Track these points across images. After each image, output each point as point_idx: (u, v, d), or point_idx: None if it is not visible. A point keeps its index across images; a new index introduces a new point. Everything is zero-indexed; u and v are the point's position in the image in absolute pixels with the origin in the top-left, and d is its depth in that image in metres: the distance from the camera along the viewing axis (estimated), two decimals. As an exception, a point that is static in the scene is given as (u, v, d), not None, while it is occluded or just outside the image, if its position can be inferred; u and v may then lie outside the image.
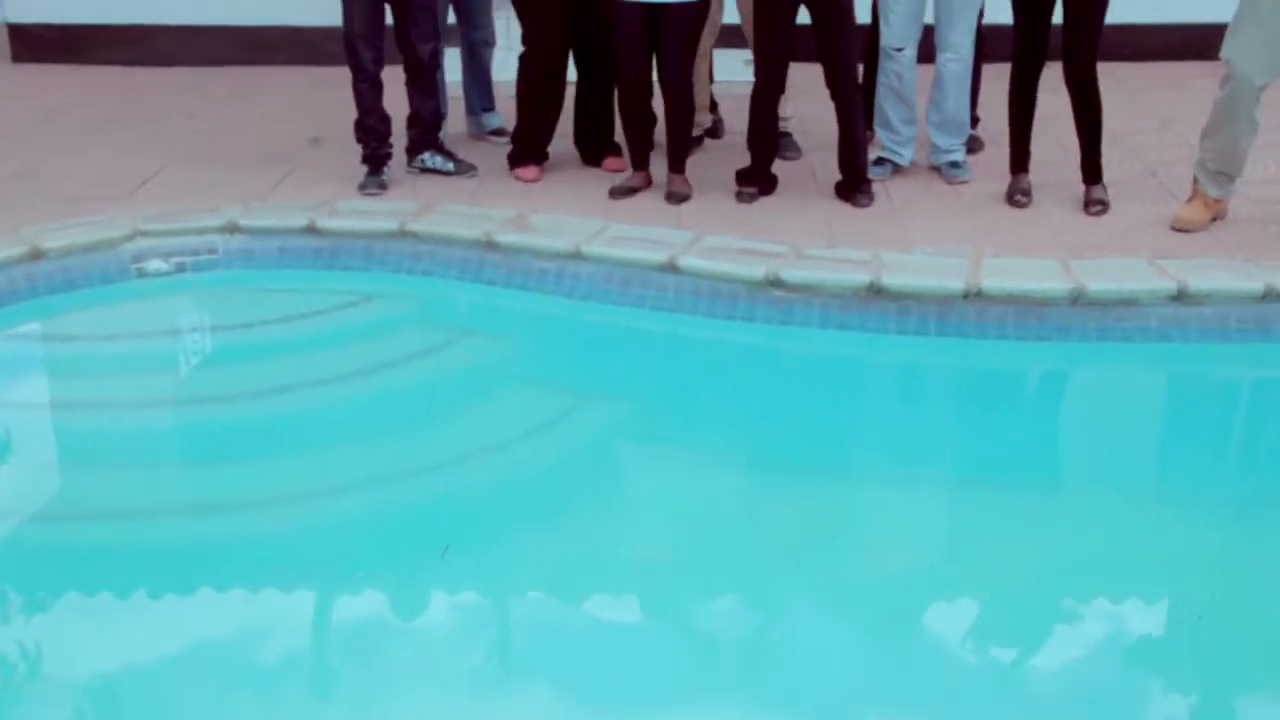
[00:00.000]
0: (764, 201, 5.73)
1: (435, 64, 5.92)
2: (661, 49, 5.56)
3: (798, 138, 6.31)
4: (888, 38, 5.75)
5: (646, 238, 5.26)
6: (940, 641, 3.44)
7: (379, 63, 5.72)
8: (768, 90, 5.59)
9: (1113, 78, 5.60)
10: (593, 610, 3.55)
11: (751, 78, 5.83)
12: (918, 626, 3.51)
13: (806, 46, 5.54)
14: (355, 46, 5.69)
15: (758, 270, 4.95)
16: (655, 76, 5.72)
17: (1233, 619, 3.43)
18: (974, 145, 6.27)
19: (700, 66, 6.11)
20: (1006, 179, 5.74)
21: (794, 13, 5.44)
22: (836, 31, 5.39)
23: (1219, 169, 5.27)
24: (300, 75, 7.77)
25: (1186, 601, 3.56)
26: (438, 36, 5.92)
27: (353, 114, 5.87)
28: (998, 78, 5.98)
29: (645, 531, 3.89)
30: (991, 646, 3.45)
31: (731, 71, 6.81)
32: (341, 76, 5.87)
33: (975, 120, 6.42)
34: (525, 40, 5.96)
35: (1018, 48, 5.44)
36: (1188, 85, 7.10)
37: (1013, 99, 5.57)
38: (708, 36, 6.00)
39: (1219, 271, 4.86)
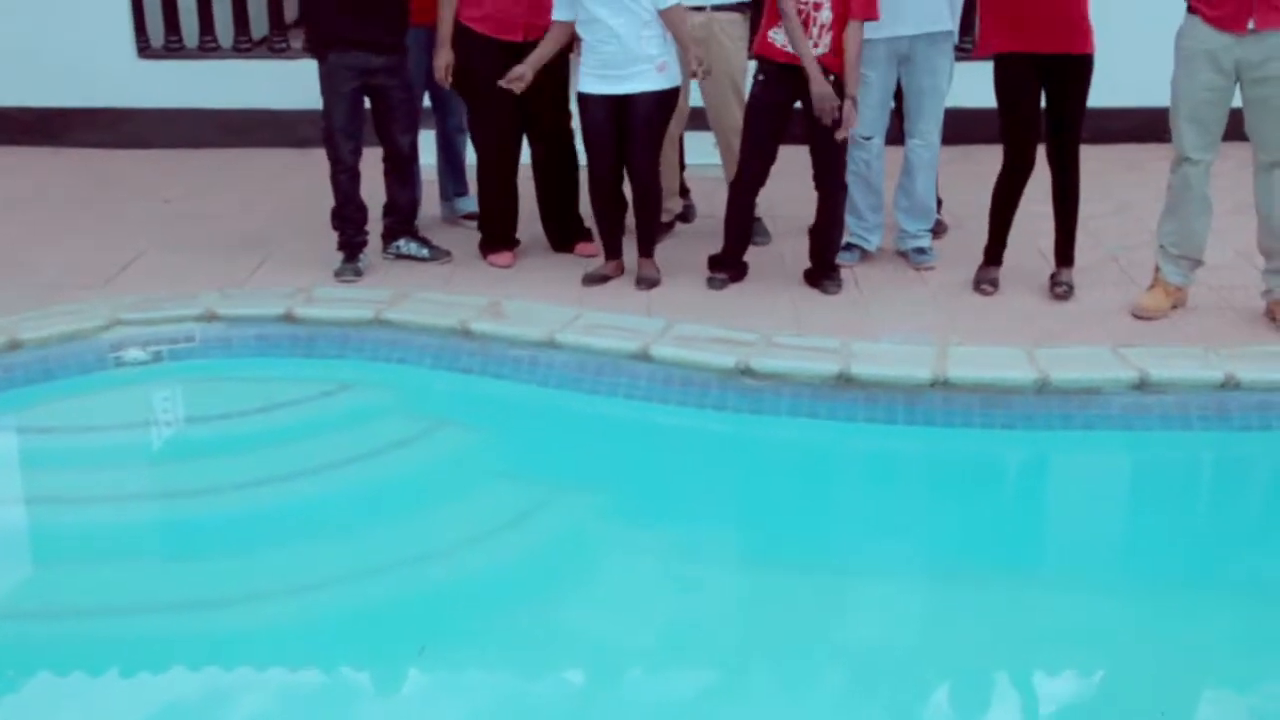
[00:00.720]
0: (735, 288, 5.83)
1: (414, 154, 6.03)
2: (628, 139, 5.67)
3: (767, 221, 6.41)
4: (858, 128, 5.88)
5: (619, 325, 5.35)
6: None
7: (358, 154, 5.83)
8: (748, 183, 5.71)
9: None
10: (570, 704, 3.59)
11: (719, 160, 5.98)
12: (884, 713, 3.57)
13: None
14: (335, 139, 5.78)
15: (728, 359, 5.03)
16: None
17: (1194, 710, 3.50)
18: (938, 229, 6.41)
19: (669, 152, 6.23)
20: (971, 263, 5.86)
21: (787, 118, 5.57)
22: (827, 138, 5.50)
23: (1180, 253, 5.41)
24: (277, 157, 7.86)
25: (1149, 694, 3.63)
26: (416, 127, 6.02)
27: (329, 196, 5.95)
28: (958, 159, 6.14)
29: (621, 624, 3.94)
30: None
31: (702, 154, 6.90)
32: (318, 158, 5.96)
33: (939, 203, 6.56)
34: (471, 128, 6.12)
35: (1008, 155, 5.59)
36: (1145, 168, 7.24)
37: (996, 199, 5.70)
38: (675, 124, 6.13)
39: (1180, 360, 4.98)
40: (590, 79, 5.63)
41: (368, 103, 5.88)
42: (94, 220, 6.79)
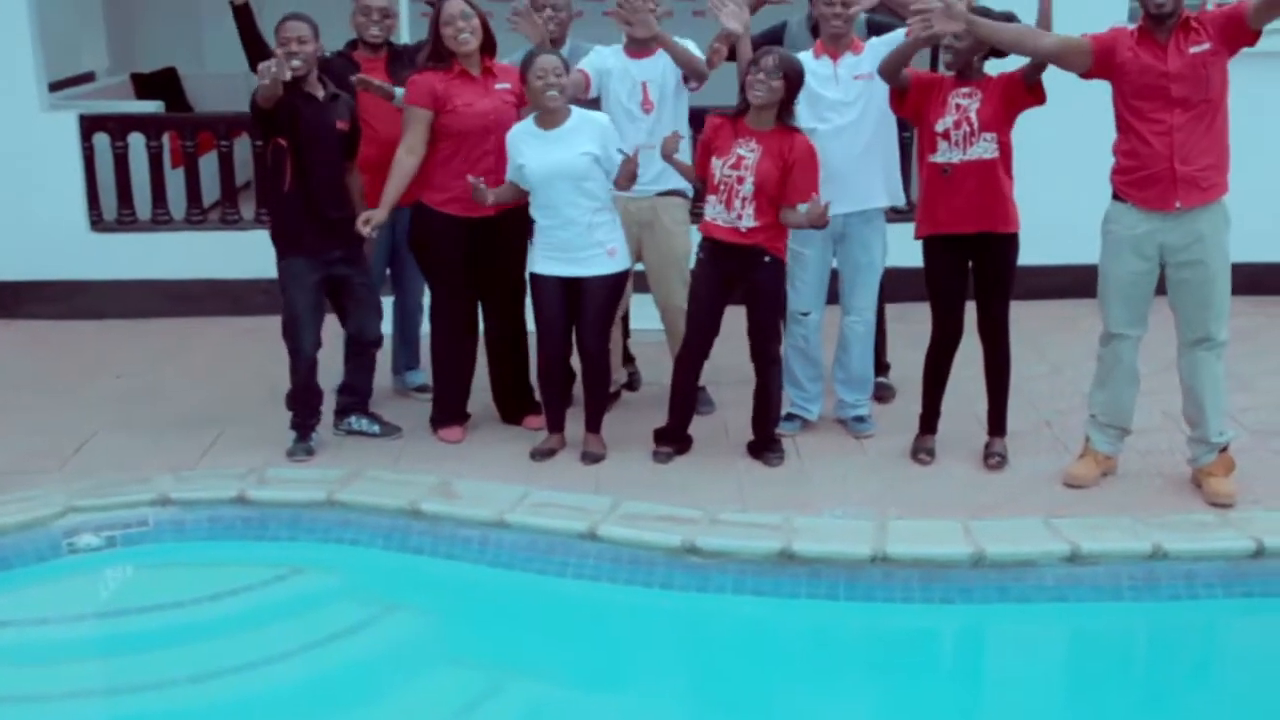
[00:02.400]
0: (679, 461, 5.97)
1: (379, 341, 6.18)
2: (580, 319, 5.85)
3: (711, 389, 6.57)
4: (795, 303, 6.09)
5: (567, 504, 5.47)
6: None
7: (318, 345, 5.97)
8: (692, 359, 5.89)
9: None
10: None
11: (661, 325, 6.18)
12: None
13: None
14: (296, 332, 5.91)
15: (674, 538, 5.16)
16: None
17: None
18: (885, 395, 6.61)
19: (614, 327, 6.41)
20: (910, 428, 6.04)
21: (728, 298, 5.76)
22: (766, 316, 5.74)
23: (1109, 422, 5.62)
24: (226, 326, 8.02)
25: None
26: (381, 313, 6.18)
27: (281, 367, 6.06)
28: (895, 319, 6.29)
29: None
30: None
31: (645, 319, 6.96)
32: (269, 326, 6.09)
33: (886, 367, 6.78)
34: (432, 302, 6.26)
35: (936, 329, 5.81)
36: (1077, 326, 7.49)
37: (927, 370, 5.91)
38: (625, 299, 6.33)
39: (1109, 531, 5.15)
40: (543, 260, 5.82)
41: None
42: (47, 399, 6.87)
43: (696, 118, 6.28)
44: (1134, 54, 5.17)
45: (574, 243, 5.74)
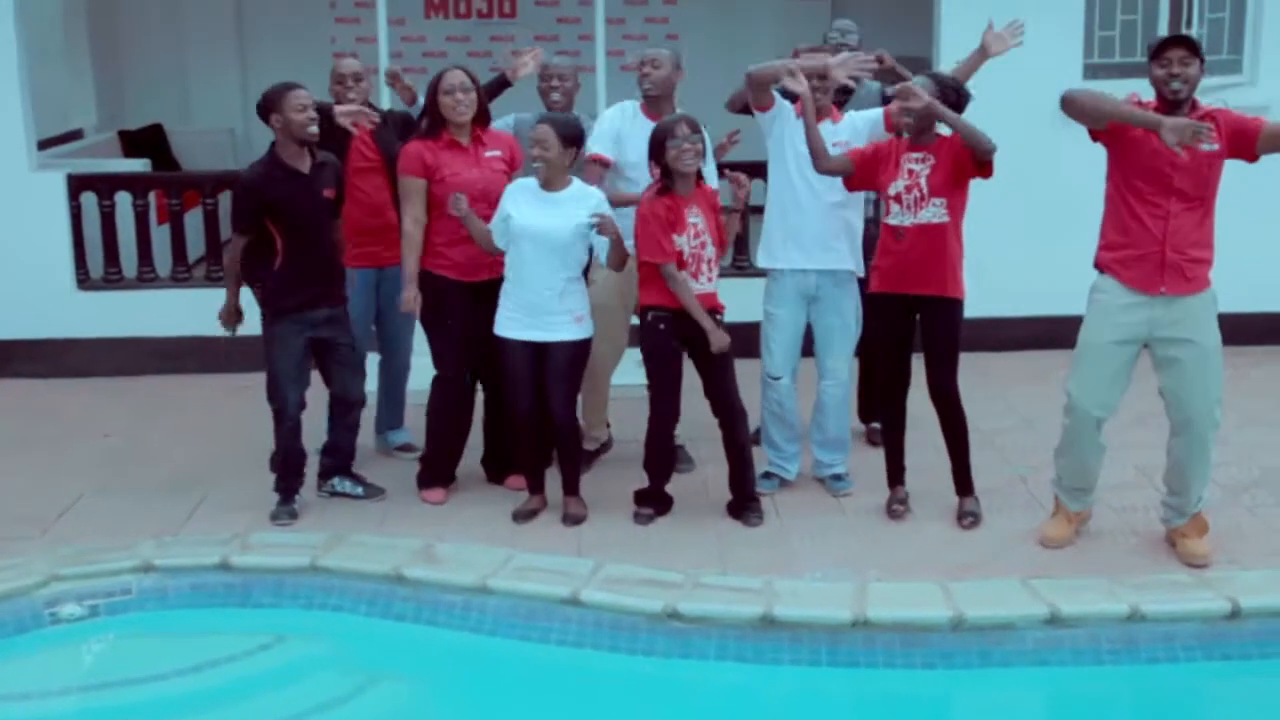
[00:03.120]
0: (661, 521, 6.01)
1: (363, 401, 6.22)
2: (547, 383, 5.90)
3: (689, 446, 6.61)
4: (769, 367, 6.15)
5: (550, 568, 5.49)
6: None
7: (302, 406, 6.01)
8: (664, 421, 5.94)
9: (977, 369, 5.97)
10: None
11: (644, 380, 6.23)
12: None
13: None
14: (281, 394, 5.95)
15: (656, 603, 5.18)
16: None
17: None
18: (878, 439, 6.64)
19: (601, 386, 6.47)
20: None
21: (681, 360, 5.84)
22: (719, 373, 5.80)
23: (1073, 485, 5.68)
24: (212, 384, 8.05)
25: None
26: (365, 374, 6.23)
27: (265, 425, 6.09)
28: None
29: None
30: None
31: (626, 373, 6.91)
32: (254, 384, 6.12)
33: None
34: (436, 366, 6.29)
35: (881, 381, 5.88)
36: (1050, 378, 7.44)
37: (884, 420, 5.98)
38: (610, 359, 6.38)
39: (1087, 593, 5.19)
40: (508, 323, 5.87)
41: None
42: (33, 460, 6.90)
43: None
44: (1147, 134, 5.13)
45: (542, 307, 5.80)
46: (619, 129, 6.27)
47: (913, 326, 5.79)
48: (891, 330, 5.81)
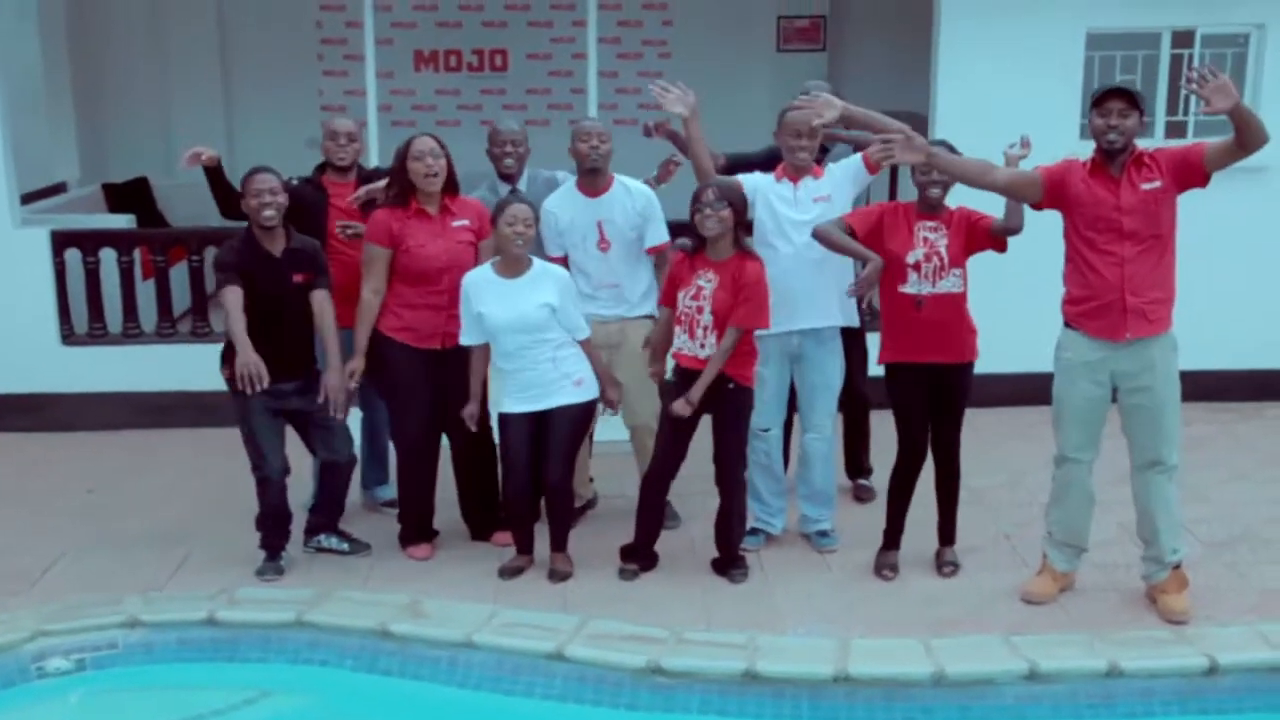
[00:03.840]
0: (646, 577, 6.05)
1: (352, 463, 6.24)
2: (546, 449, 5.94)
3: (677, 503, 6.65)
4: (755, 420, 6.20)
5: (534, 624, 5.53)
6: None
7: (285, 472, 6.03)
8: (660, 479, 6.00)
9: (968, 425, 6.00)
10: None
11: (628, 436, 6.29)
12: None
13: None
14: (263, 462, 5.97)
15: (640, 659, 5.22)
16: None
17: None
18: (865, 496, 6.79)
19: (582, 449, 6.52)
20: (875, 541, 6.14)
21: (695, 422, 5.87)
22: (731, 440, 5.86)
23: (1064, 540, 5.75)
24: (197, 437, 8.06)
25: None
26: (349, 438, 6.23)
27: (250, 481, 6.09)
28: (885, 421, 6.31)
29: None
30: None
31: (610, 429, 6.89)
32: (237, 436, 6.09)
33: (868, 470, 6.96)
34: (392, 428, 6.36)
35: (901, 451, 5.96)
36: (1036, 435, 7.56)
37: (893, 488, 6.05)
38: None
39: (1067, 649, 5.25)
40: (511, 401, 5.92)
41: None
42: (18, 515, 6.90)
43: (676, 230, 6.40)
44: (1087, 186, 5.34)
45: (541, 380, 5.86)
46: (557, 212, 6.30)
47: (929, 396, 5.87)
48: (910, 401, 5.87)
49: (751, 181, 6.11)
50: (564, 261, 6.25)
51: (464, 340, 5.94)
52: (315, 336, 6.02)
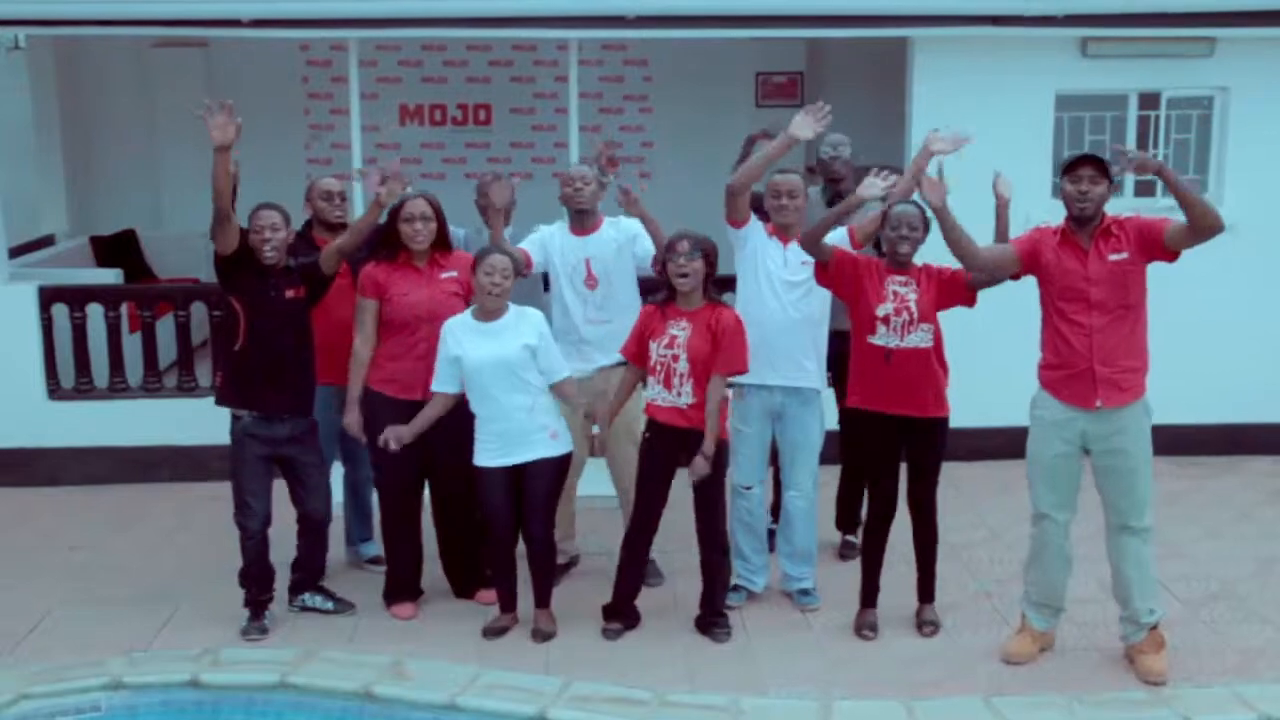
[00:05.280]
0: (629, 636, 6.08)
1: (329, 518, 6.27)
2: (526, 504, 5.98)
3: (660, 559, 6.69)
4: (737, 477, 6.27)
5: (518, 686, 5.54)
6: None
7: (268, 522, 6.06)
8: (640, 534, 6.03)
9: (947, 480, 6.07)
10: None
11: (614, 491, 6.33)
12: None
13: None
14: (246, 510, 6.01)
15: (623, 723, 5.25)
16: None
17: None
18: (850, 554, 6.83)
19: (565, 503, 6.55)
20: (856, 600, 6.16)
21: (672, 478, 5.95)
22: (709, 495, 5.90)
23: (1042, 600, 5.79)
24: (183, 492, 8.10)
25: None
26: (330, 494, 6.28)
27: (235, 537, 6.10)
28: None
29: None
30: None
31: (595, 484, 7.01)
32: (223, 490, 6.15)
33: (855, 526, 6.97)
34: (377, 483, 6.41)
35: (873, 507, 6.01)
36: (1016, 489, 7.56)
37: (866, 544, 6.10)
38: (574, 474, 6.46)
39: (1046, 711, 5.29)
40: (485, 454, 5.95)
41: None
42: (2, 575, 6.90)
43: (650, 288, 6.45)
44: (1056, 256, 5.44)
45: (516, 430, 5.88)
46: (547, 240, 6.43)
47: (899, 449, 5.93)
48: (878, 451, 5.94)
49: (755, 228, 6.20)
50: (527, 259, 6.31)
51: (435, 386, 5.96)
52: (314, 379, 6.11)
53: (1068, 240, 5.44)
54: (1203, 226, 5.18)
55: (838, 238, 6.06)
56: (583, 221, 6.41)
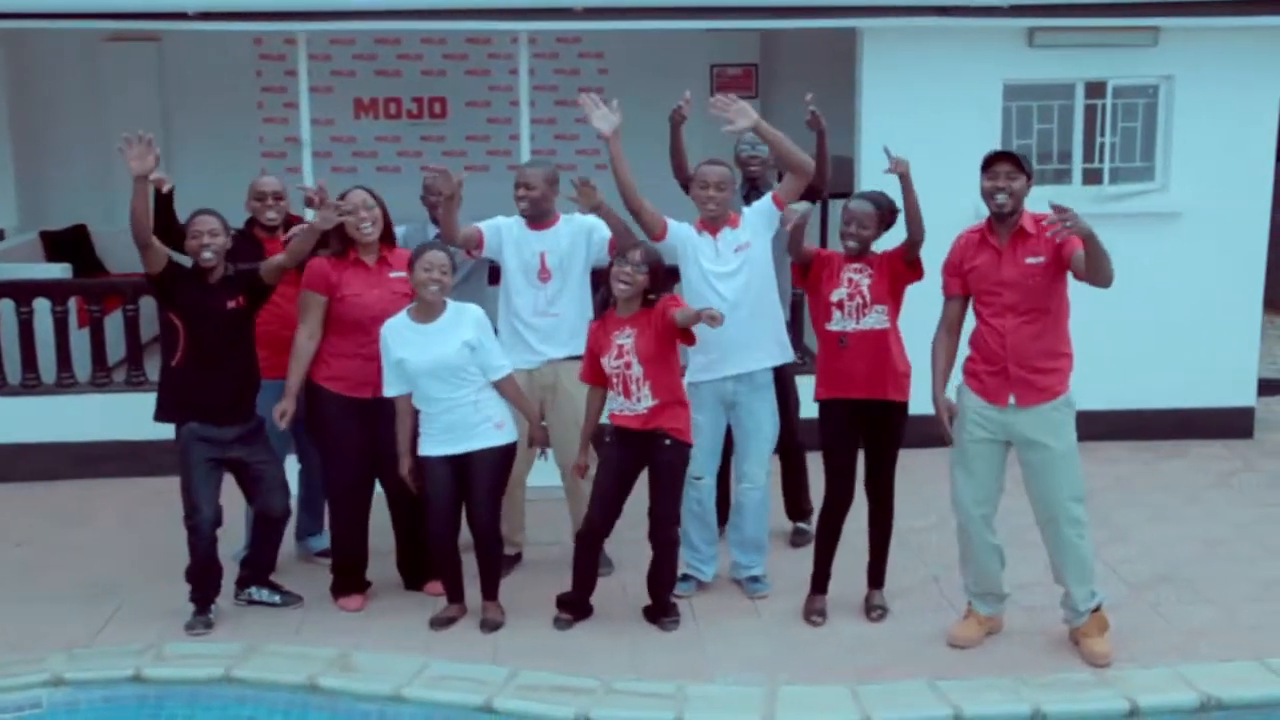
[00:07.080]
0: (578, 625, 6.07)
1: (287, 515, 6.23)
2: (470, 494, 5.96)
3: (610, 549, 6.65)
4: (691, 468, 6.23)
5: (465, 676, 5.53)
6: None
7: (217, 524, 6.00)
8: (594, 534, 6.01)
9: (899, 466, 6.08)
10: None
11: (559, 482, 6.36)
12: None
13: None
14: (195, 512, 5.95)
15: (568, 710, 5.22)
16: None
17: None
18: (801, 541, 6.85)
19: (517, 494, 6.54)
20: (806, 587, 6.18)
21: (632, 480, 5.95)
22: (666, 495, 5.91)
23: (981, 590, 5.82)
24: (131, 487, 8.02)
25: None
26: (287, 491, 6.24)
27: (180, 528, 6.05)
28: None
29: None
30: None
31: (543, 476, 6.84)
32: (172, 485, 6.12)
33: (807, 513, 7.02)
34: (324, 479, 6.37)
35: (828, 492, 6.01)
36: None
37: (820, 529, 6.11)
38: (522, 465, 6.44)
39: (992, 694, 5.31)
40: (431, 443, 5.93)
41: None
42: (-55, 569, 6.84)
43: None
44: (975, 253, 5.52)
45: (462, 422, 5.87)
46: (503, 229, 6.38)
47: (859, 435, 5.95)
48: (839, 440, 5.95)
49: (681, 232, 6.18)
50: (479, 239, 6.30)
51: (388, 392, 5.95)
52: (257, 381, 6.09)
53: (985, 240, 5.52)
54: (1097, 275, 5.24)
55: (765, 206, 6.15)
56: (538, 218, 6.39)
